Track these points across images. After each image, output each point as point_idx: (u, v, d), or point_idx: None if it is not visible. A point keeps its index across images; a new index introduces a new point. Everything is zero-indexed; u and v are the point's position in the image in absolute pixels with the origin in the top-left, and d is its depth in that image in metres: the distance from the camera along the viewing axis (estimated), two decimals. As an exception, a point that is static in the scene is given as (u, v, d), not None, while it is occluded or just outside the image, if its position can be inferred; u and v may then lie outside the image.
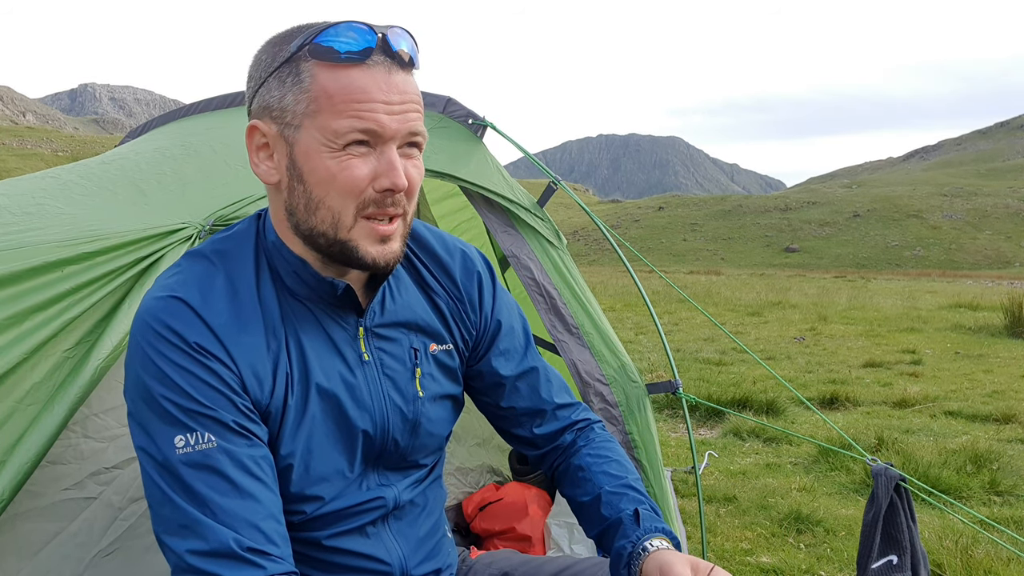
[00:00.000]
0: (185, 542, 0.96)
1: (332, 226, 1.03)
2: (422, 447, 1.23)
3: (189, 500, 0.97)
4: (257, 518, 0.99)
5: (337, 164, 1.01)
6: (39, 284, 1.36)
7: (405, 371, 1.20)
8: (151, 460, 1.00)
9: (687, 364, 7.34)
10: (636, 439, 2.10)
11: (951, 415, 5.35)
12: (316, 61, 1.00)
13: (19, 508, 1.35)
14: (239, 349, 1.05)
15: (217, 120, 2.49)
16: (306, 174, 1.03)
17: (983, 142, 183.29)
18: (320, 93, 1.00)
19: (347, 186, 1.01)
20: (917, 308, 13.78)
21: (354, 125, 0.99)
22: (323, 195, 1.02)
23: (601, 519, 1.20)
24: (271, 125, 1.04)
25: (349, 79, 0.99)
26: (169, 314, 1.02)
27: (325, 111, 1.00)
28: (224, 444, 1.00)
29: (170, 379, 1.00)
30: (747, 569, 2.82)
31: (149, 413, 1.00)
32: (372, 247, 1.05)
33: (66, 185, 1.88)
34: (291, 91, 1.02)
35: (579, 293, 2.18)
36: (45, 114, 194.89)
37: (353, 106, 0.99)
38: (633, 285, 3.75)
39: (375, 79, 1.00)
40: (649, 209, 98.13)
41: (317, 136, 1.01)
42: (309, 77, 1.00)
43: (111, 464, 1.51)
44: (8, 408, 1.28)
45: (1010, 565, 2.73)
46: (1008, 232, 73.23)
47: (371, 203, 1.03)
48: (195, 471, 0.98)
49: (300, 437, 1.09)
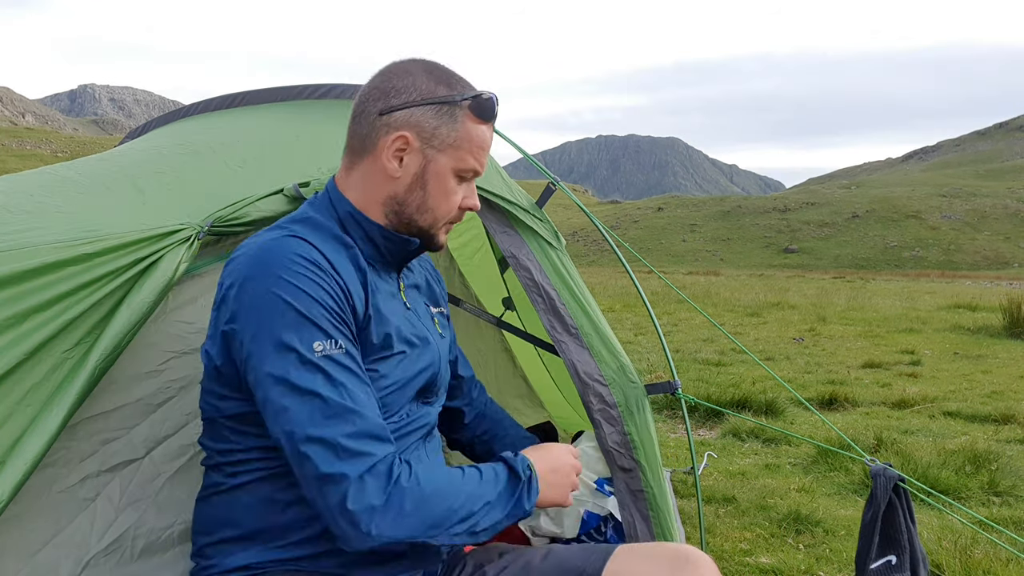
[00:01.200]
0: (338, 427, 1.16)
1: (430, 224, 1.38)
2: (445, 380, 1.57)
3: (335, 392, 1.18)
4: (379, 410, 1.24)
5: (452, 187, 1.37)
6: (39, 285, 1.36)
7: (428, 317, 1.54)
8: (292, 365, 1.17)
9: (686, 365, 7.34)
10: (635, 440, 2.10)
11: (950, 415, 5.35)
12: (470, 113, 1.34)
13: (17, 510, 1.35)
14: (351, 282, 1.29)
15: (217, 121, 2.49)
16: (430, 186, 1.35)
17: (982, 143, 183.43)
18: (465, 136, 1.34)
19: (453, 205, 1.38)
20: (916, 309, 13.79)
21: (474, 165, 1.37)
22: (435, 205, 1.37)
23: None
24: (416, 139, 1.33)
25: (481, 133, 1.36)
26: (294, 246, 1.24)
27: (463, 149, 1.35)
28: (350, 350, 1.23)
29: (305, 293, 1.20)
30: (746, 570, 2.83)
31: (286, 325, 1.18)
32: (443, 238, 1.43)
33: (64, 182, 1.88)
34: (446, 125, 1.33)
35: (578, 294, 2.18)
36: (44, 115, 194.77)
37: (479, 152, 1.37)
38: (632, 286, 3.75)
39: (489, 135, 1.39)
40: (648, 210, 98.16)
41: (451, 164, 1.35)
42: (462, 123, 1.34)
43: (110, 465, 1.50)
44: (7, 409, 1.28)
45: (1009, 565, 2.74)
46: (1007, 233, 73.30)
47: (454, 218, 1.41)
48: (336, 368, 1.19)
49: (382, 358, 1.33)
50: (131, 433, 1.54)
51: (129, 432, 1.53)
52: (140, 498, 1.54)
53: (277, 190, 1.70)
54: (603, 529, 2.32)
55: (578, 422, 3.50)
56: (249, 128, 2.28)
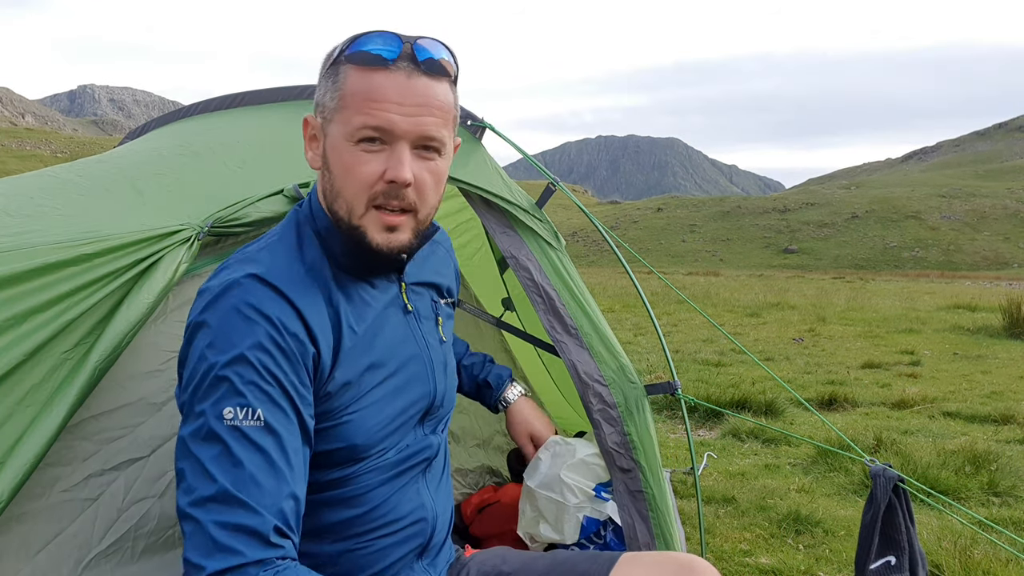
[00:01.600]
0: (215, 513, 0.99)
1: (347, 213, 1.15)
2: (450, 389, 1.40)
3: (227, 473, 1.00)
4: (283, 503, 1.03)
5: (352, 158, 1.12)
6: (38, 285, 1.36)
7: (431, 319, 1.39)
8: (195, 429, 1.03)
9: (686, 365, 7.34)
10: (635, 440, 2.10)
11: (950, 416, 5.35)
12: (350, 64, 1.12)
13: (18, 509, 1.35)
14: (316, 322, 1.12)
15: (216, 121, 2.49)
16: (332, 164, 1.15)
17: (981, 143, 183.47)
18: (347, 92, 1.11)
19: (359, 179, 1.12)
20: (916, 309, 13.79)
21: (366, 122, 1.10)
22: (341, 185, 1.14)
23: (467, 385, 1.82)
24: (317, 118, 1.17)
25: (370, 81, 1.10)
26: (244, 294, 1.09)
27: (348, 108, 1.11)
28: (272, 422, 1.05)
29: (238, 353, 1.05)
30: (746, 570, 2.82)
31: (205, 382, 1.04)
32: (379, 234, 1.15)
33: (64, 184, 1.88)
34: (330, 90, 1.14)
35: (578, 294, 2.18)
36: (44, 115, 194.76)
37: (370, 104, 1.10)
38: (632, 286, 3.75)
39: (394, 82, 1.10)
40: (648, 210, 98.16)
41: (340, 130, 1.12)
42: (343, 77, 1.12)
43: (110, 466, 1.50)
44: (7, 409, 1.28)
45: (1008, 566, 2.74)
46: (1006, 233, 73.30)
47: (380, 195, 1.13)
48: (241, 444, 1.02)
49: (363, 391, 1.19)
50: (135, 432, 1.54)
51: (133, 431, 1.54)
52: (144, 497, 1.54)
53: (277, 190, 1.70)
54: (602, 533, 2.32)
55: (578, 422, 3.50)
56: (249, 128, 2.28)
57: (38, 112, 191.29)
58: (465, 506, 2.92)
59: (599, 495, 2.35)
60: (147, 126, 2.87)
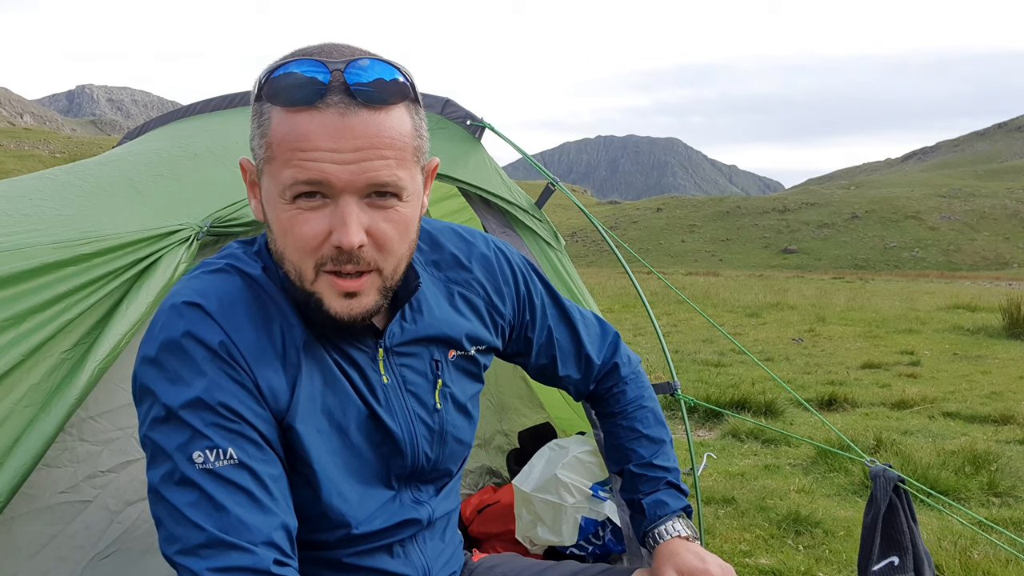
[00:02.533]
0: (205, 561, 0.91)
1: (297, 277, 0.97)
2: (451, 455, 1.21)
3: (208, 517, 0.92)
4: (275, 535, 0.95)
5: (289, 218, 0.94)
6: (37, 285, 1.36)
7: (427, 384, 1.17)
8: (165, 476, 0.94)
9: (685, 365, 7.34)
10: (635, 441, 2.10)
11: (949, 416, 5.35)
12: (272, 104, 0.93)
13: (16, 511, 1.35)
14: (258, 364, 0.99)
15: (215, 122, 2.49)
16: (271, 222, 0.98)
17: (981, 143, 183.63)
18: (273, 139, 0.93)
19: (299, 242, 0.94)
20: (915, 309, 13.79)
21: (296, 176, 0.91)
22: (283, 247, 0.97)
23: (625, 491, 1.37)
24: (251, 166, 1.00)
25: (295, 125, 0.91)
26: (192, 322, 0.96)
27: (276, 159, 0.93)
28: (244, 458, 0.95)
29: (191, 390, 0.94)
30: (746, 571, 2.82)
31: (165, 426, 0.94)
32: (336, 302, 0.98)
33: (63, 186, 1.88)
34: (256, 133, 0.96)
35: (577, 294, 2.18)
36: (43, 115, 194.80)
37: (297, 155, 0.91)
38: (631, 286, 3.74)
39: (324, 124, 0.90)
40: (647, 210, 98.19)
41: (271, 185, 0.95)
42: (267, 120, 0.94)
43: (107, 467, 1.50)
44: (5, 410, 1.28)
45: (1008, 566, 2.73)
46: (1006, 233, 73.34)
47: (329, 259, 0.95)
48: (217, 486, 0.93)
49: (321, 460, 1.05)
50: (132, 432, 1.54)
51: (130, 432, 1.54)
52: (138, 499, 1.54)
53: (276, 191, 1.69)
54: (600, 534, 2.32)
55: (577, 423, 3.50)
56: (248, 129, 2.27)
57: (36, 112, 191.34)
58: (465, 507, 2.91)
59: (596, 494, 2.34)
60: (146, 126, 2.87)
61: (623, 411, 1.42)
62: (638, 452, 1.38)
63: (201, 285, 1.01)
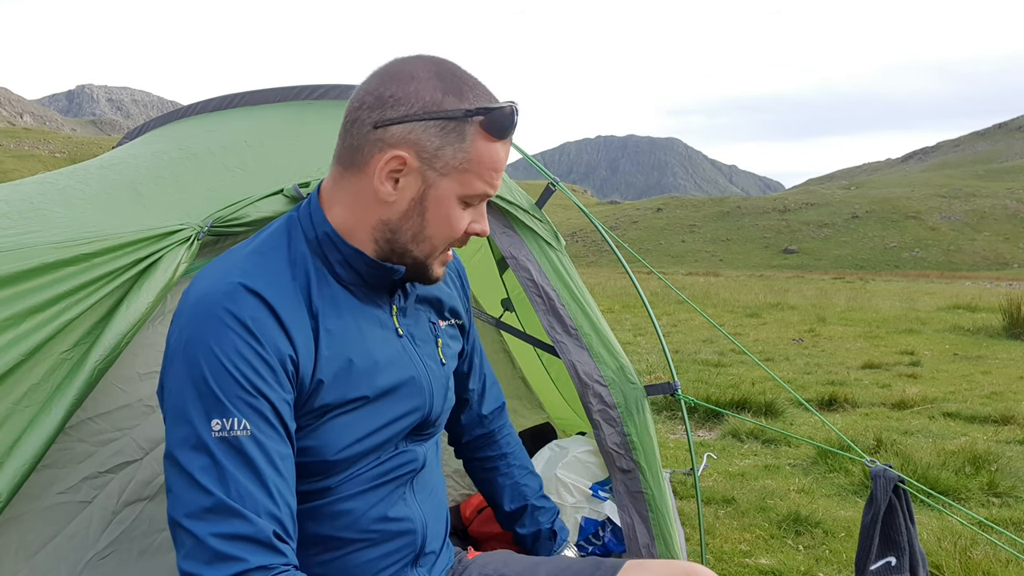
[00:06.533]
0: (211, 524, 1.00)
1: (426, 254, 1.20)
2: (446, 410, 1.39)
3: (219, 484, 1.01)
4: (277, 510, 1.05)
5: (457, 215, 1.18)
6: (37, 285, 1.36)
7: (430, 341, 1.36)
8: (182, 441, 1.04)
9: (686, 365, 7.34)
10: (634, 440, 2.10)
11: (950, 416, 5.36)
12: (482, 131, 1.13)
13: (15, 511, 1.35)
14: (296, 329, 1.12)
15: (215, 122, 2.48)
16: (430, 213, 1.17)
17: (981, 143, 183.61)
18: (474, 157, 1.14)
19: (456, 231, 1.19)
20: (915, 309, 13.79)
21: (485, 190, 1.17)
22: (433, 232, 1.18)
23: (526, 526, 1.63)
24: (415, 160, 1.14)
25: (494, 152, 1.15)
26: (232, 299, 1.08)
27: (471, 172, 1.15)
28: (258, 433, 1.05)
29: (219, 362, 1.05)
30: (746, 571, 2.82)
31: (190, 391, 1.05)
32: (439, 269, 1.24)
33: (64, 190, 1.88)
34: (452, 146, 1.13)
35: (577, 294, 2.18)
36: (42, 115, 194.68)
37: (491, 174, 1.17)
38: (631, 286, 3.74)
39: (505, 152, 1.18)
40: (647, 210, 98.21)
41: (456, 189, 1.15)
42: (471, 142, 1.13)
43: (107, 467, 1.50)
44: (5, 410, 1.28)
45: (1008, 567, 2.73)
46: (1006, 233, 73.35)
47: (456, 242, 1.21)
48: (230, 455, 1.03)
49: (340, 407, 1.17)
50: (130, 434, 1.54)
51: (128, 433, 1.53)
52: (136, 500, 1.54)
53: (277, 190, 1.69)
54: (600, 534, 2.32)
55: (577, 423, 3.50)
56: (248, 129, 2.27)
57: (36, 112, 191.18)
58: (464, 507, 2.91)
59: (596, 494, 2.35)
60: (146, 126, 2.87)
61: (513, 452, 1.68)
62: (531, 487, 1.66)
63: (244, 260, 1.15)
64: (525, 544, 1.63)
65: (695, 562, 1.35)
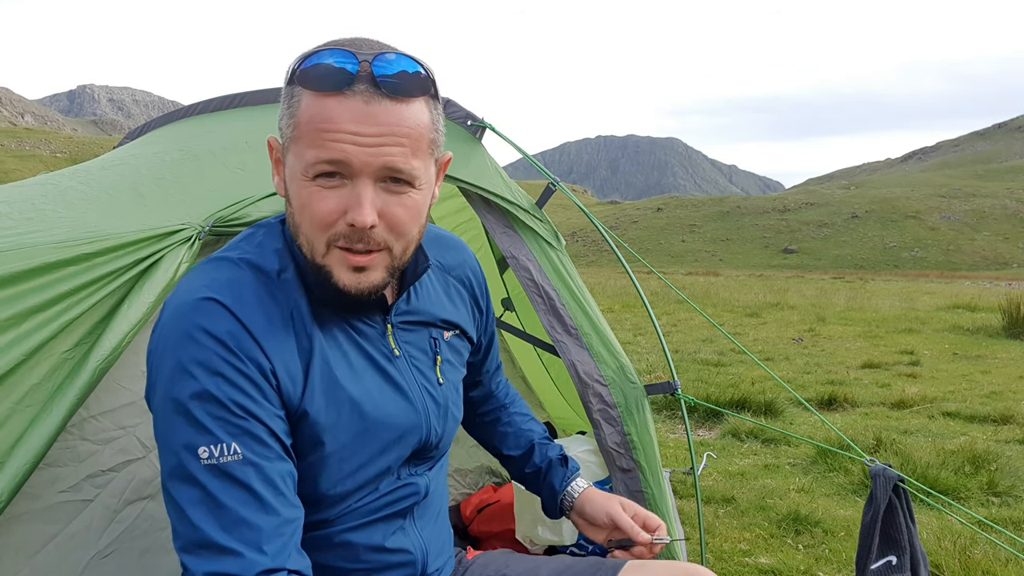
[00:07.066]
0: (203, 562, 0.93)
1: (309, 250, 1.03)
2: (449, 432, 1.28)
3: (209, 518, 0.94)
4: (279, 534, 0.97)
5: (308, 194, 1.00)
6: (38, 285, 1.36)
7: (428, 360, 1.24)
8: (172, 472, 0.97)
9: (685, 365, 7.34)
10: (634, 440, 2.10)
11: (949, 416, 5.36)
12: (303, 87, 0.99)
13: (17, 510, 1.35)
14: (274, 348, 1.02)
15: (216, 122, 2.49)
16: (291, 198, 1.04)
17: (981, 143, 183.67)
18: (301, 120, 0.99)
19: (316, 218, 1.00)
20: (915, 309, 13.79)
21: (319, 155, 0.97)
22: (300, 221, 1.03)
23: (533, 464, 1.50)
24: (276, 142, 1.06)
25: (322, 108, 0.97)
26: (204, 315, 0.99)
27: (302, 138, 0.99)
28: (250, 455, 0.97)
29: (198, 385, 0.96)
30: (746, 570, 2.82)
31: (174, 419, 0.97)
32: (345, 275, 1.03)
33: (65, 191, 1.88)
34: (286, 114, 1.02)
35: (578, 294, 2.18)
36: (43, 115, 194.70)
37: (322, 136, 0.97)
38: (631, 286, 3.75)
39: (349, 109, 0.96)
40: (647, 210, 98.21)
41: (296, 163, 1.00)
42: (297, 102, 1.00)
43: (108, 467, 1.50)
44: (7, 409, 1.28)
45: (1008, 566, 2.74)
46: (1006, 233, 73.36)
47: (342, 236, 1.01)
48: (221, 484, 0.95)
49: (336, 435, 1.09)
50: (133, 431, 1.54)
51: (131, 431, 1.54)
52: (140, 497, 1.54)
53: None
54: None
55: (577, 423, 3.50)
56: (249, 129, 2.28)
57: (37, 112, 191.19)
58: (464, 506, 2.92)
59: (597, 494, 2.34)
60: (147, 126, 2.87)
61: (513, 401, 1.58)
62: (536, 431, 1.55)
63: (213, 277, 1.05)
64: (537, 483, 1.50)
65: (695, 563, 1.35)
